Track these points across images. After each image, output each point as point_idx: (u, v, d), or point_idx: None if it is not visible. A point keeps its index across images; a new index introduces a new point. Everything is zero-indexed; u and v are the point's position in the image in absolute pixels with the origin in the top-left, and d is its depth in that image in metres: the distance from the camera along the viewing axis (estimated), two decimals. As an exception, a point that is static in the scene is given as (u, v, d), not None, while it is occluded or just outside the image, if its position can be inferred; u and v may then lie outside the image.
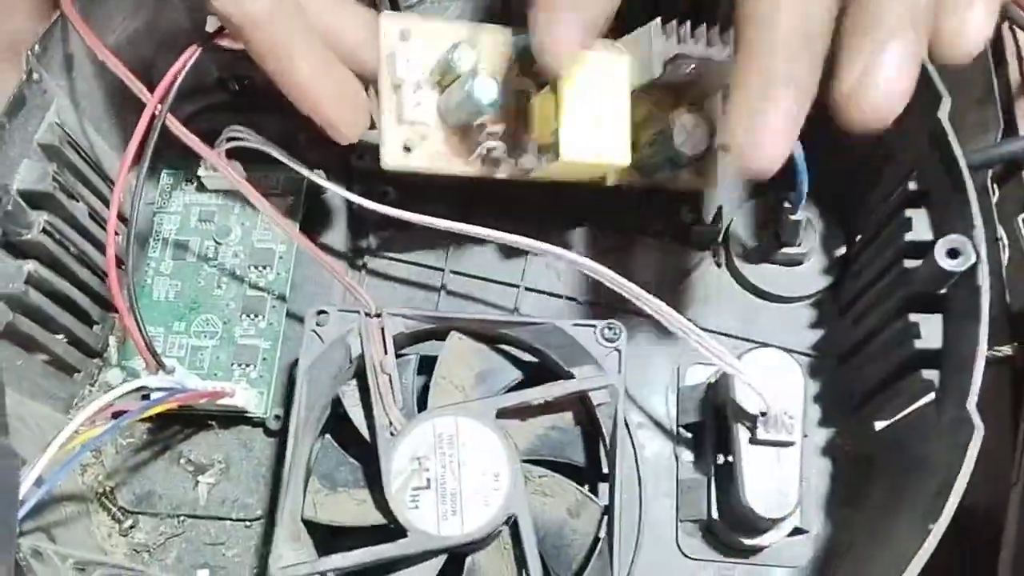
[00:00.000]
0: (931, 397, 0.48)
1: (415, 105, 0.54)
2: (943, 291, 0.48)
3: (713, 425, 0.54)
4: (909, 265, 0.49)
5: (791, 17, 0.37)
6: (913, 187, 0.51)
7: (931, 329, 0.48)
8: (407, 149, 0.54)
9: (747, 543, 0.52)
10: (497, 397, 0.50)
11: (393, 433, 0.49)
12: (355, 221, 0.61)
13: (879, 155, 0.55)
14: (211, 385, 0.52)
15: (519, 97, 0.55)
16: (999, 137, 0.59)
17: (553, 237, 0.51)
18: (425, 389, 0.53)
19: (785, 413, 0.49)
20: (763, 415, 0.49)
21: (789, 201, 0.54)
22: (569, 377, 0.51)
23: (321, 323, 0.51)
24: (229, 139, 0.54)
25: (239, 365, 0.55)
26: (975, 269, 0.45)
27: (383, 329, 0.51)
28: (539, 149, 0.55)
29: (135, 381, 0.49)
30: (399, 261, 0.60)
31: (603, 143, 0.53)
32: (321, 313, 0.51)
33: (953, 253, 0.46)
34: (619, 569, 0.47)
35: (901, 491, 0.49)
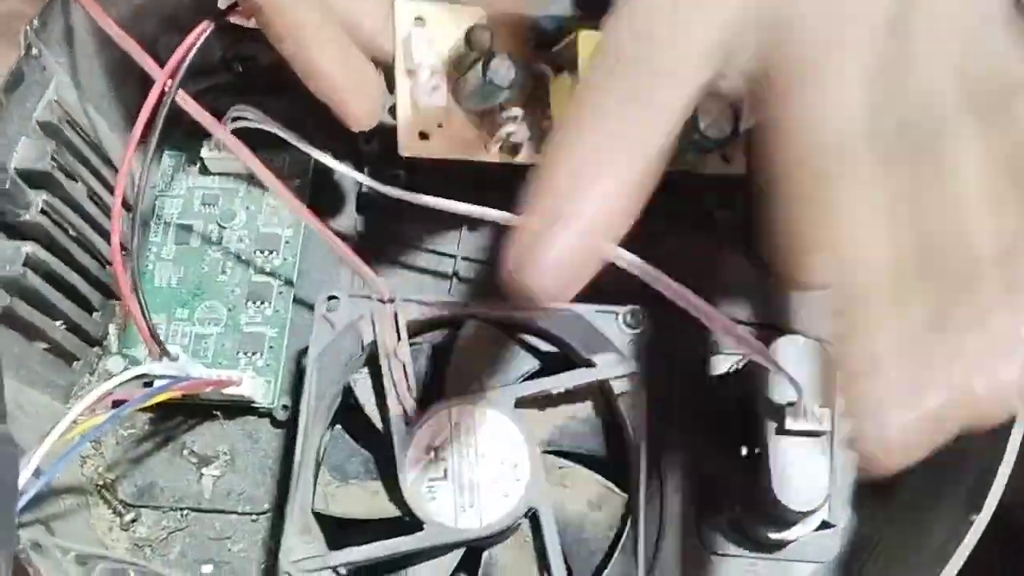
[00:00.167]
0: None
1: (431, 90, 0.52)
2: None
3: (740, 415, 0.52)
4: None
5: None
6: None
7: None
8: (424, 136, 0.53)
9: (773, 537, 0.50)
10: (516, 385, 0.48)
11: (408, 422, 0.47)
12: (364, 206, 0.59)
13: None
14: (217, 373, 0.50)
15: (537, 81, 0.54)
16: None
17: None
18: (438, 379, 0.51)
19: (816, 402, 0.47)
20: (792, 405, 0.47)
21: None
22: (590, 365, 0.49)
23: (332, 309, 0.49)
24: (234, 119, 0.52)
25: (245, 353, 0.53)
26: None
27: (396, 315, 0.49)
28: (560, 130, 0.53)
29: (138, 368, 0.47)
30: (409, 247, 0.58)
31: None
32: (332, 299, 0.49)
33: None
34: (643, 564, 0.45)
35: (936, 483, 0.47)
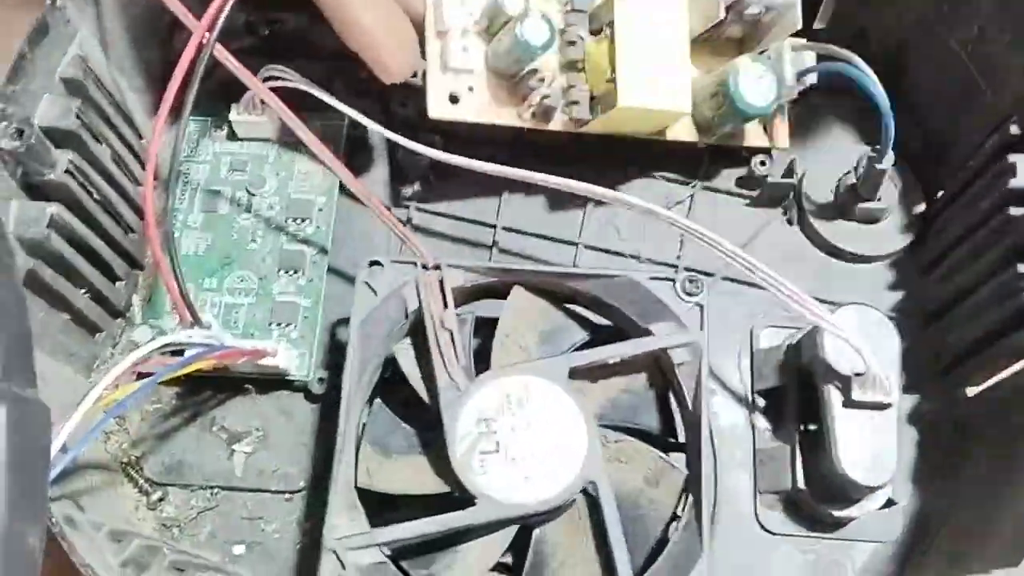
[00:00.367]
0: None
1: (461, 51, 0.51)
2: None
3: (795, 389, 0.50)
4: (1015, 212, 0.46)
5: None
6: (1015, 131, 0.47)
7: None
8: (453, 99, 0.51)
9: (836, 515, 0.48)
10: (570, 355, 0.46)
11: (457, 393, 0.45)
12: (398, 173, 0.56)
13: (957, 109, 0.52)
14: (251, 343, 0.48)
15: (572, 44, 0.52)
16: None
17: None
18: (481, 352, 0.48)
19: (883, 373, 0.45)
20: (858, 375, 0.45)
21: (874, 149, 0.51)
22: (646, 334, 0.47)
23: (374, 275, 0.47)
24: (266, 79, 0.50)
25: (278, 324, 0.51)
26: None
27: (442, 282, 0.47)
28: (594, 99, 0.51)
29: (169, 335, 0.44)
30: (446, 216, 0.56)
31: (662, 89, 0.50)
32: (374, 264, 0.47)
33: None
34: (707, 540, 0.43)
35: (1010, 460, 0.45)
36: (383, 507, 0.46)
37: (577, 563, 0.45)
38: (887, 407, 0.45)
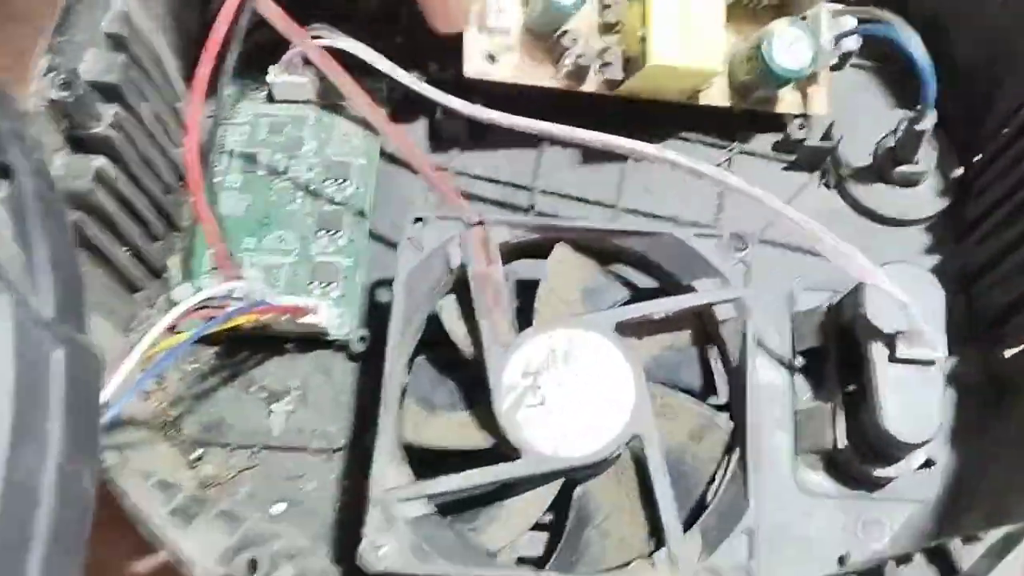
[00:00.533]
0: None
1: (497, 12, 0.51)
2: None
3: (837, 349, 0.50)
4: (1057, 173, 0.46)
5: None
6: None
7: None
8: (491, 59, 0.51)
9: (875, 474, 0.48)
10: (616, 309, 0.46)
11: (502, 348, 0.44)
12: (436, 137, 0.56)
13: (996, 72, 0.52)
14: (292, 300, 0.48)
15: (607, 7, 0.52)
16: None
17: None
18: (521, 311, 0.48)
19: (928, 329, 0.45)
20: (902, 332, 0.45)
21: (914, 111, 0.51)
22: (690, 292, 0.47)
23: (418, 232, 0.47)
24: (312, 38, 0.50)
25: (319, 283, 0.51)
26: None
27: (487, 237, 0.47)
28: (626, 60, 0.52)
29: (213, 288, 0.44)
30: (484, 179, 0.56)
31: (694, 48, 0.50)
32: (418, 221, 0.47)
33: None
34: (753, 496, 0.43)
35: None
36: (423, 467, 0.46)
37: (622, 519, 0.45)
38: (931, 363, 0.45)
